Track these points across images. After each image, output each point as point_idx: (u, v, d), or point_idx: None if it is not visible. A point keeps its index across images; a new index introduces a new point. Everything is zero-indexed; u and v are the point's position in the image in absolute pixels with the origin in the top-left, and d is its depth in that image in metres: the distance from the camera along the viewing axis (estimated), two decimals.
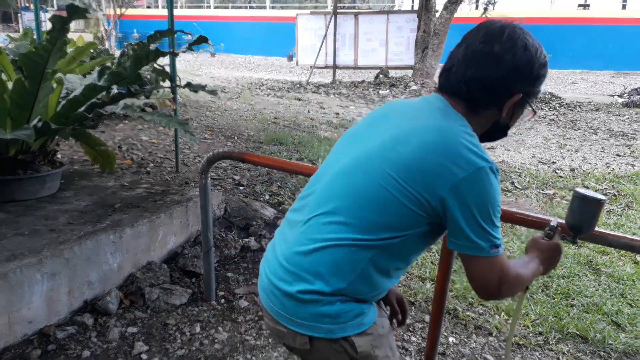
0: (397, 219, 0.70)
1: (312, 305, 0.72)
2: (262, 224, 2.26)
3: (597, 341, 1.57)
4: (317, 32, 9.22)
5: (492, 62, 0.72)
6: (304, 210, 0.78)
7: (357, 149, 0.77)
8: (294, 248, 0.75)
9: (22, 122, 1.76)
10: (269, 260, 0.80)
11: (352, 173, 0.74)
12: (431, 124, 0.72)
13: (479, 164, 0.68)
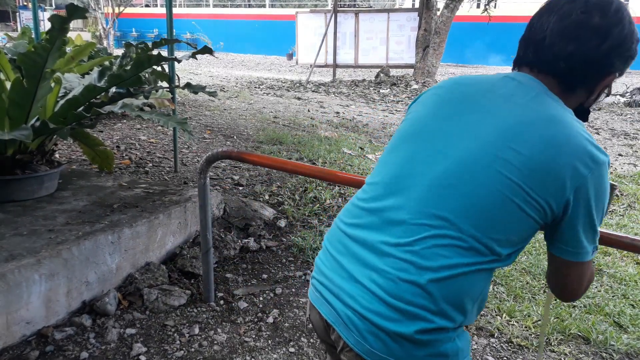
0: (518, 233, 0.60)
1: (432, 345, 0.60)
2: (261, 224, 2.25)
3: (599, 342, 1.56)
4: (317, 31, 9.19)
5: (597, 36, 0.62)
6: (390, 229, 0.63)
7: (454, 149, 0.62)
8: (395, 276, 0.60)
9: (20, 122, 1.75)
10: (344, 288, 0.65)
11: (458, 181, 0.61)
12: (544, 114, 0.61)
13: (602, 159, 0.60)
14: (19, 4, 15.00)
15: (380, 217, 0.65)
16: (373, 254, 0.64)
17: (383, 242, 0.63)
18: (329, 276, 0.68)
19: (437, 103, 0.70)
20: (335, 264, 0.68)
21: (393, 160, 0.69)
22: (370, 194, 0.69)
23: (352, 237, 0.68)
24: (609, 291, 1.89)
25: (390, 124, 5.48)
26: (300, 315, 1.62)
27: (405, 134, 0.70)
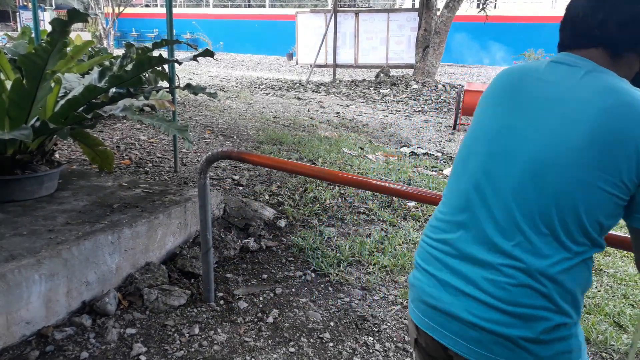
0: (606, 215, 0.61)
1: (558, 343, 0.61)
2: (261, 224, 2.25)
3: (599, 342, 1.56)
4: (317, 31, 9.18)
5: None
6: (485, 237, 0.63)
7: (524, 147, 0.62)
8: (506, 283, 0.60)
9: (20, 122, 1.76)
10: (457, 306, 0.63)
11: (538, 180, 0.60)
12: (598, 88, 0.61)
13: None
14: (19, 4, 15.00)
15: (472, 227, 0.65)
16: (475, 265, 0.64)
17: (482, 252, 0.63)
18: (436, 296, 0.67)
19: (494, 101, 0.70)
20: (437, 283, 0.67)
21: (468, 169, 0.68)
22: (454, 206, 0.69)
23: (447, 252, 0.67)
24: (609, 291, 1.89)
25: (390, 124, 5.48)
26: (300, 315, 1.62)
27: (472, 140, 0.70)
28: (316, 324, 1.57)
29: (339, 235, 2.23)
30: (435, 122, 5.90)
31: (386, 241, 2.17)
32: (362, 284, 1.83)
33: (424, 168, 3.50)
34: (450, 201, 0.71)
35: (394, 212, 2.56)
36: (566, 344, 0.62)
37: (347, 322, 1.60)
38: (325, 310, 1.65)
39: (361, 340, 1.51)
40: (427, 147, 4.46)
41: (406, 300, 1.75)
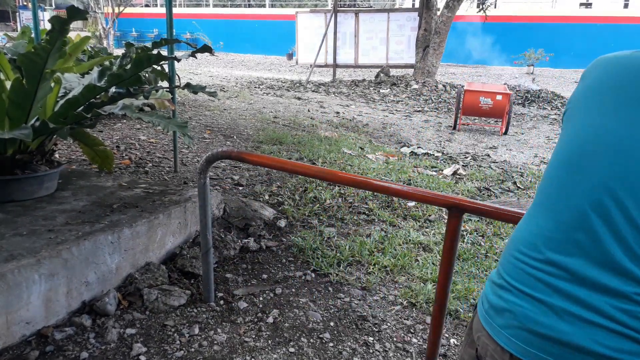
0: None
1: None
2: (261, 224, 2.25)
3: None
4: (317, 31, 9.18)
5: None
6: (607, 258, 0.55)
7: (628, 156, 0.55)
8: (636, 311, 0.54)
9: (20, 122, 1.75)
10: (578, 335, 0.56)
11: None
12: None
13: None
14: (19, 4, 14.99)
15: (591, 249, 0.56)
16: (599, 291, 0.56)
17: (608, 277, 0.55)
18: (549, 325, 0.58)
19: (590, 103, 0.61)
20: (549, 310, 0.58)
21: (583, 180, 0.58)
22: (564, 222, 0.59)
23: (558, 276, 0.58)
24: None
25: (390, 124, 5.48)
26: (300, 315, 1.62)
27: (580, 146, 0.60)
28: (316, 324, 1.57)
29: (339, 235, 2.23)
30: (435, 122, 5.89)
31: (386, 241, 2.17)
32: (362, 284, 1.83)
33: (424, 168, 3.50)
34: (557, 216, 0.60)
35: (394, 212, 2.56)
36: None
37: (347, 322, 1.60)
38: (325, 310, 1.65)
39: (361, 340, 1.51)
40: (427, 147, 4.46)
41: (406, 300, 1.75)
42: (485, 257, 2.12)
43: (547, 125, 5.97)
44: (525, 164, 4.01)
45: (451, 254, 1.16)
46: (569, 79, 12.01)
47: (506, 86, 6.26)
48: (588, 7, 16.07)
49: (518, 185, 3.24)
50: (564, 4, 15.87)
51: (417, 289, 1.80)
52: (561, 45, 13.91)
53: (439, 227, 2.40)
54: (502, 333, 0.62)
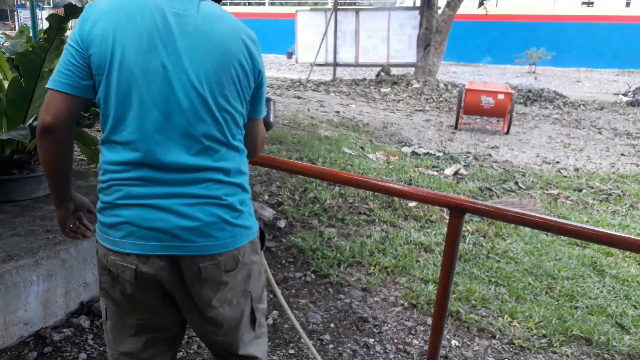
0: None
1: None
2: (260, 224, 2.23)
3: (601, 343, 1.55)
4: (317, 29, 9.15)
5: None
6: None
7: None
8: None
9: (18, 122, 1.75)
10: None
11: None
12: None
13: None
14: (17, 3, 14.99)
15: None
16: (165, 186, 0.77)
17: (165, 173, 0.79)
18: (147, 218, 0.76)
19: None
20: (143, 208, 0.77)
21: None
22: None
23: (135, 181, 0.78)
24: (612, 292, 1.88)
25: (391, 123, 5.46)
26: (300, 316, 1.61)
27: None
28: (316, 325, 1.56)
29: (339, 236, 2.21)
30: (436, 121, 5.88)
31: (387, 242, 2.16)
32: (363, 285, 1.82)
33: (425, 168, 3.48)
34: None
35: (394, 213, 2.55)
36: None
37: (347, 324, 1.59)
38: (326, 312, 1.64)
39: (362, 342, 1.50)
40: (429, 146, 4.44)
41: (407, 301, 1.74)
42: (487, 257, 2.11)
43: (549, 124, 5.94)
44: (527, 163, 3.99)
45: (452, 255, 1.15)
46: (571, 78, 11.97)
47: (508, 85, 6.24)
48: (590, 6, 16.01)
49: (520, 185, 3.23)
50: (565, 2, 15.82)
51: (418, 290, 1.79)
52: (563, 44, 13.85)
53: (440, 228, 2.38)
54: (124, 242, 0.76)
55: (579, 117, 6.45)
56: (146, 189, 0.75)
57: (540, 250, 2.21)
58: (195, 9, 0.75)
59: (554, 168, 3.86)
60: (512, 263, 2.07)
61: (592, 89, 9.99)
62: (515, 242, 2.29)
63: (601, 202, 2.99)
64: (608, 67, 13.93)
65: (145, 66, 0.72)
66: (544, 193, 3.10)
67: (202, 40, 0.74)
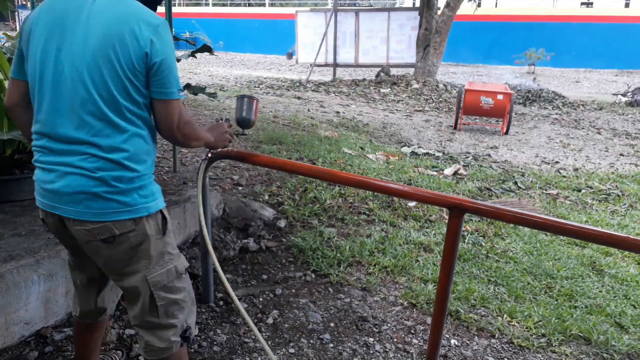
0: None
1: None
2: (261, 224, 2.24)
3: (601, 343, 1.56)
4: (317, 30, 9.15)
5: None
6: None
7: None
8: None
9: None
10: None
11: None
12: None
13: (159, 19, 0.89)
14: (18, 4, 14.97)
15: None
16: (62, 151, 0.90)
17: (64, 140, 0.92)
18: (44, 180, 0.92)
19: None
20: (44, 170, 0.92)
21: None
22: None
23: (43, 147, 0.93)
24: (611, 291, 1.88)
25: (391, 124, 5.47)
26: (300, 316, 1.61)
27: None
28: (316, 324, 1.57)
29: (339, 236, 2.22)
30: (436, 121, 5.88)
31: (387, 241, 2.17)
32: (363, 285, 1.83)
33: (425, 168, 3.49)
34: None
35: (394, 213, 2.56)
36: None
37: (347, 323, 1.59)
38: (325, 311, 1.65)
39: (361, 341, 1.50)
40: (428, 146, 4.45)
41: (407, 301, 1.74)
42: (486, 257, 2.12)
43: (548, 124, 5.95)
44: (527, 163, 4.00)
45: (452, 255, 1.15)
46: (570, 78, 11.99)
47: (507, 86, 6.25)
48: (589, 6, 16.04)
49: (519, 185, 3.23)
50: (565, 3, 15.84)
51: (417, 289, 1.80)
52: (562, 44, 13.87)
53: (439, 228, 2.39)
54: (37, 195, 0.94)
55: (578, 117, 6.47)
56: (45, 157, 0.89)
57: (539, 250, 2.22)
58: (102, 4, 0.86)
59: (553, 168, 3.87)
60: (511, 263, 2.08)
61: (591, 89, 10.01)
62: (514, 241, 2.30)
63: (600, 202, 3.00)
64: (607, 68, 13.96)
65: (45, 51, 0.86)
66: (543, 193, 3.11)
67: (89, 26, 0.84)
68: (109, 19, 0.84)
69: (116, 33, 0.83)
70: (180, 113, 0.91)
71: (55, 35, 0.85)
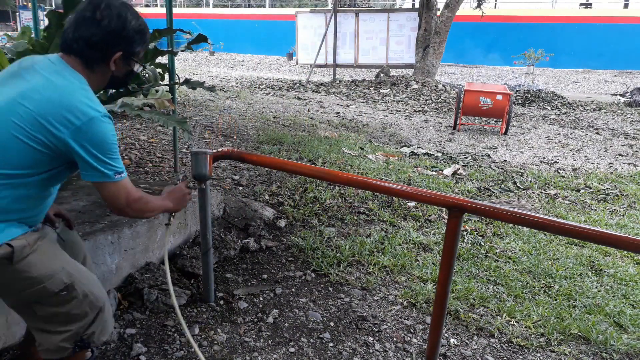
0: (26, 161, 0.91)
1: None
2: (261, 224, 2.25)
3: (600, 342, 1.56)
4: (317, 31, 9.17)
5: (92, 25, 0.95)
6: None
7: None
8: None
9: None
10: None
11: None
12: (51, 83, 0.91)
13: (92, 114, 0.91)
14: (19, 4, 14.98)
15: None
16: None
17: None
18: None
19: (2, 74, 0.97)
20: None
21: None
22: None
23: None
24: (609, 291, 1.89)
25: (390, 124, 5.48)
26: (300, 315, 1.62)
27: None
28: (316, 324, 1.57)
29: (339, 235, 2.22)
30: (435, 122, 5.89)
31: (386, 241, 2.17)
32: (362, 284, 1.83)
33: (424, 168, 3.50)
34: None
35: (394, 212, 2.56)
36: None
37: (347, 322, 1.60)
38: (325, 311, 1.65)
39: (361, 340, 1.51)
40: (427, 147, 4.45)
41: (406, 300, 1.75)
42: (485, 257, 2.12)
43: (547, 125, 5.96)
44: (525, 163, 4.01)
45: (451, 254, 1.16)
46: (569, 79, 12.01)
47: (506, 86, 6.26)
48: (588, 7, 16.07)
49: (518, 185, 3.24)
50: (563, 3, 15.88)
51: (417, 289, 1.80)
52: (561, 45, 13.90)
53: (439, 227, 2.40)
54: None
55: (577, 117, 6.48)
56: None
57: (538, 250, 2.22)
58: (44, 74, 0.93)
59: (552, 168, 3.88)
60: (510, 262, 2.09)
61: (590, 90, 10.02)
62: (513, 241, 2.31)
63: (599, 202, 3.01)
64: (606, 68, 13.99)
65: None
66: (542, 193, 3.11)
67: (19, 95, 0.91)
68: (40, 99, 0.90)
69: (13, 114, 0.89)
70: (127, 194, 0.98)
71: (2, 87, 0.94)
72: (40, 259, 0.96)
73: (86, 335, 1.02)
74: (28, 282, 0.95)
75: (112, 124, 0.95)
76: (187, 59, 13.75)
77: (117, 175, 0.95)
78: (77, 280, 1.00)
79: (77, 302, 1.00)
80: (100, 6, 0.95)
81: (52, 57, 0.96)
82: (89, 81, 0.97)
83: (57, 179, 0.99)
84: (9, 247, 0.92)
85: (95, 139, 0.91)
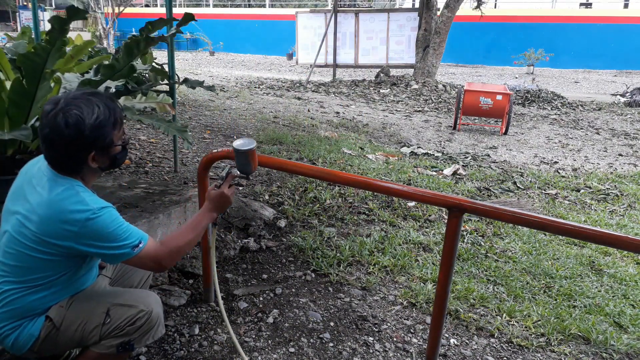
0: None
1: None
2: (261, 224, 2.25)
3: (600, 342, 1.56)
4: (317, 31, 9.17)
5: (54, 144, 0.95)
6: None
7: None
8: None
9: (20, 122, 1.75)
10: None
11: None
12: (44, 199, 0.96)
13: (84, 216, 0.94)
14: (19, 4, 14.99)
15: None
16: None
17: None
18: None
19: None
20: None
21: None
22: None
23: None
24: (609, 291, 1.89)
25: (390, 124, 5.48)
26: (300, 315, 1.62)
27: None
28: (316, 324, 1.57)
29: (339, 235, 2.22)
30: (435, 122, 5.90)
31: (386, 241, 2.17)
32: (362, 284, 1.83)
33: (424, 168, 3.50)
34: None
35: (394, 212, 2.56)
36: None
37: (347, 322, 1.60)
38: (325, 311, 1.65)
39: (361, 340, 1.51)
40: (427, 147, 4.46)
41: (406, 300, 1.75)
42: (485, 257, 2.12)
43: (547, 125, 5.97)
44: (525, 163, 4.01)
45: (451, 254, 1.16)
46: (569, 79, 12.01)
47: (506, 86, 6.26)
48: (588, 7, 16.06)
49: (518, 185, 3.24)
50: (563, 3, 15.87)
51: (417, 289, 1.80)
52: (561, 45, 13.90)
53: (439, 227, 2.40)
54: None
55: (577, 117, 6.48)
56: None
57: (538, 250, 2.22)
58: (37, 189, 0.97)
59: (552, 168, 3.88)
60: (510, 262, 2.09)
61: (590, 90, 10.02)
62: (513, 241, 2.31)
63: (599, 202, 3.01)
64: (606, 68, 13.98)
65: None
66: (542, 193, 3.11)
67: (24, 208, 0.97)
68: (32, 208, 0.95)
69: (17, 224, 0.97)
70: (154, 258, 1.01)
71: (13, 202, 1.01)
72: (75, 311, 1.03)
73: (133, 340, 1.06)
74: (79, 332, 1.03)
75: (110, 209, 0.97)
76: (187, 59, 13.75)
77: (134, 249, 0.98)
78: (112, 304, 1.06)
79: (124, 318, 1.05)
80: (53, 121, 0.94)
81: (44, 167, 1.00)
82: (83, 181, 1.00)
83: (83, 266, 1.05)
84: (49, 319, 1.01)
85: (96, 236, 0.95)
